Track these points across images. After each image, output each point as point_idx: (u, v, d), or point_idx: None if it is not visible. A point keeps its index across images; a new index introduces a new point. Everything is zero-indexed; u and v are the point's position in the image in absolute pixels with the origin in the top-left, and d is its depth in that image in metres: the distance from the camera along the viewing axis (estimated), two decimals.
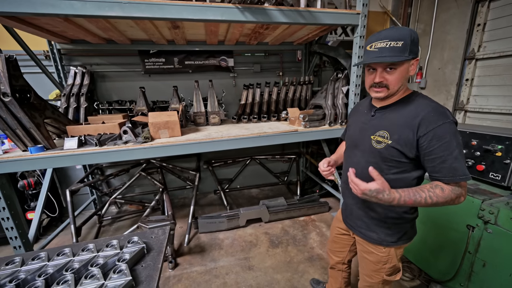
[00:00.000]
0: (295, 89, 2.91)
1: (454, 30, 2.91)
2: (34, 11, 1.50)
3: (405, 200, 0.91)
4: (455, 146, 0.90)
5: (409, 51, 0.93)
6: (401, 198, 0.91)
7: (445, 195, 0.91)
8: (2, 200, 1.72)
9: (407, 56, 0.93)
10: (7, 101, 1.62)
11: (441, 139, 0.91)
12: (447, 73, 3.04)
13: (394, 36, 0.93)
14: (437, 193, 0.91)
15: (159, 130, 2.06)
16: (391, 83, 0.98)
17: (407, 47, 0.92)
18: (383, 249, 1.14)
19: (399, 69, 0.96)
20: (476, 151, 1.80)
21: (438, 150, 0.91)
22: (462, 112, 2.90)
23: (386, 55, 0.94)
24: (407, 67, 0.96)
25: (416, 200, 0.91)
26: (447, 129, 0.91)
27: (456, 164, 0.90)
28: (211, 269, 2.15)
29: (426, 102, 0.98)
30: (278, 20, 1.92)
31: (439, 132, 0.91)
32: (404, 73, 0.97)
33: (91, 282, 0.79)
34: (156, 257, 0.96)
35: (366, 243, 1.19)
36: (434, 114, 0.92)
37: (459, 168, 0.90)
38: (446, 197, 0.91)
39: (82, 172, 3.08)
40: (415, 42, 0.94)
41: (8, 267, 0.88)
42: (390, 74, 0.97)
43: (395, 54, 0.93)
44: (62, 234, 2.56)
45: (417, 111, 0.96)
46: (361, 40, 2.18)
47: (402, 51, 0.92)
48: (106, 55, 2.82)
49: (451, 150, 0.90)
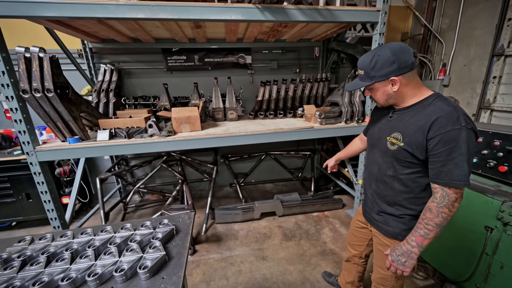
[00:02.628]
0: (311, 86, 2.93)
1: (482, 25, 2.78)
2: (75, 15, 1.66)
3: (415, 240, 1.01)
4: (459, 153, 0.90)
5: (370, 77, 1.06)
6: (413, 242, 1.02)
7: (435, 214, 0.96)
8: (45, 184, 1.93)
9: (368, 81, 1.07)
10: (50, 96, 1.81)
11: (446, 144, 0.92)
12: (473, 70, 2.91)
13: (360, 65, 1.11)
14: (429, 218, 0.97)
15: (181, 125, 2.19)
16: (376, 99, 1.14)
17: (368, 75, 1.07)
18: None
19: (375, 89, 1.10)
20: (498, 152, 1.76)
21: (441, 154, 0.94)
22: (487, 111, 2.78)
23: (355, 81, 1.16)
24: (382, 86, 1.06)
25: (422, 233, 1.00)
26: (455, 135, 0.90)
27: (454, 169, 0.91)
28: (227, 257, 2.28)
29: (442, 105, 0.97)
30: (297, 19, 1.96)
31: (446, 137, 0.92)
32: (382, 91, 1.08)
33: (131, 254, 0.92)
34: (184, 237, 1.08)
35: (382, 236, 1.24)
36: (445, 119, 0.92)
37: (455, 173, 0.91)
38: (438, 215, 0.95)
39: (109, 162, 3.32)
40: (377, 67, 1.02)
41: (63, 239, 1.03)
42: (371, 92, 1.14)
43: (362, 80, 1.11)
44: (92, 218, 2.80)
45: (430, 115, 0.97)
46: (381, 38, 2.17)
47: (364, 78, 1.09)
48: (132, 53, 3.00)
49: (454, 156, 0.91)
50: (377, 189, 1.23)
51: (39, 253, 0.95)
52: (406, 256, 1.03)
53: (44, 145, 1.95)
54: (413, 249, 1.01)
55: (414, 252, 1.01)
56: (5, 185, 2.61)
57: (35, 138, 1.89)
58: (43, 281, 0.80)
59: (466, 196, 1.70)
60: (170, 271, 0.88)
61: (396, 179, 1.11)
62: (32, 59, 1.74)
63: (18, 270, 0.86)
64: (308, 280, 1.99)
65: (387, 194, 1.17)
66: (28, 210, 2.72)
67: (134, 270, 0.86)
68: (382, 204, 1.21)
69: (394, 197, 1.15)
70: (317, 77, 2.92)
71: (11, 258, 0.93)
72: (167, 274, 0.87)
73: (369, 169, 1.28)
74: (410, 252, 1.02)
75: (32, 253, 0.95)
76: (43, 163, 1.91)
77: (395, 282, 1.27)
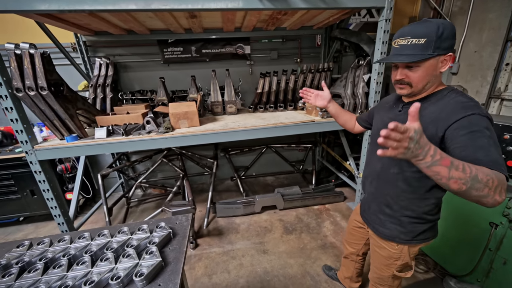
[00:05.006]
0: (313, 76, 2.83)
1: (497, 7, 2.60)
2: (63, 8, 1.58)
3: (441, 154, 0.70)
4: (488, 136, 0.78)
5: (434, 48, 0.86)
6: (437, 150, 0.70)
7: (488, 172, 0.71)
8: (46, 183, 1.94)
9: (430, 53, 0.87)
10: (44, 94, 1.77)
11: (468, 127, 0.80)
12: (485, 56, 2.77)
13: (417, 33, 0.88)
14: (477, 168, 0.71)
15: (179, 120, 2.15)
16: (413, 81, 0.94)
17: (431, 44, 0.86)
18: (396, 246, 1.15)
19: (423, 66, 0.90)
20: (508, 146, 1.69)
21: (465, 138, 0.80)
22: (498, 100, 2.67)
23: (406, 53, 0.91)
24: (433, 64, 0.90)
25: (454, 163, 0.70)
26: (477, 120, 0.80)
27: (495, 155, 0.76)
28: (229, 251, 2.31)
29: (457, 98, 0.90)
30: (297, 6, 1.84)
31: (465, 121, 0.81)
32: (430, 71, 0.91)
33: (127, 260, 0.91)
34: (181, 241, 1.07)
35: (379, 238, 1.21)
36: (463, 107, 0.85)
37: (499, 160, 0.75)
38: (488, 175, 0.70)
39: (110, 157, 3.33)
40: (444, 37, 0.85)
41: (60, 244, 1.03)
42: (412, 72, 0.93)
43: (415, 52, 0.89)
44: (96, 213, 2.85)
45: (445, 105, 0.90)
46: (387, 24, 2.04)
47: (425, 48, 0.87)
48: (128, 46, 2.91)
49: (485, 141, 0.77)
50: (378, 188, 1.18)
51: (37, 259, 0.95)
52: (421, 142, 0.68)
53: (43, 143, 1.94)
54: (431, 151, 0.69)
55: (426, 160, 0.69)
56: (9, 182, 2.64)
57: (33, 137, 1.87)
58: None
59: None
60: (167, 278, 0.87)
61: (400, 177, 1.06)
62: (23, 56, 1.69)
63: (16, 277, 0.86)
64: (308, 274, 2.02)
65: (388, 193, 1.13)
66: (33, 206, 2.77)
67: (130, 278, 0.85)
68: (380, 205, 1.17)
69: (395, 196, 1.10)
70: (318, 67, 2.81)
71: (10, 264, 0.93)
72: (164, 281, 0.86)
73: (371, 167, 1.23)
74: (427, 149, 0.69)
75: (30, 259, 0.95)
76: (43, 162, 1.91)
77: (392, 282, 1.26)
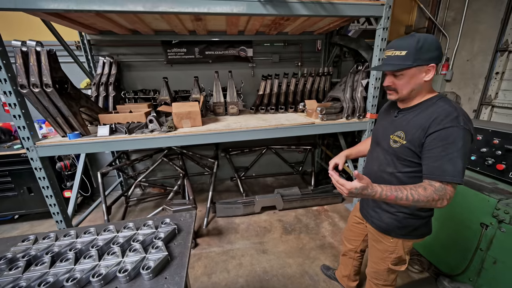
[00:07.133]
0: (313, 80, 2.90)
1: (487, 19, 2.72)
2: (71, 8, 1.61)
3: (386, 194, 0.93)
4: (454, 150, 0.91)
5: (414, 59, 0.97)
6: (383, 192, 0.93)
7: (426, 194, 0.91)
8: (46, 180, 1.94)
9: (409, 64, 0.98)
10: (49, 91, 1.79)
11: (443, 140, 0.93)
12: (476, 65, 2.88)
13: (400, 46, 1.00)
14: (418, 192, 0.92)
15: (182, 120, 2.18)
16: (398, 87, 1.06)
17: (410, 56, 0.97)
18: (391, 239, 1.22)
19: (406, 75, 1.02)
20: (497, 150, 1.77)
21: (436, 150, 0.94)
22: (488, 107, 2.77)
23: (391, 62, 1.03)
24: (416, 73, 1.00)
25: (398, 196, 0.92)
26: (453, 132, 0.92)
27: (448, 165, 0.91)
28: (228, 251, 2.32)
29: (444, 105, 0.99)
30: (299, 13, 1.91)
31: (444, 134, 0.93)
32: (413, 79, 1.01)
33: (134, 254, 0.93)
34: (186, 237, 1.09)
35: (376, 232, 1.28)
36: (445, 117, 0.94)
37: (449, 169, 0.91)
38: (427, 196, 0.91)
39: (109, 155, 3.33)
40: (424, 50, 0.96)
41: (66, 238, 1.05)
42: (398, 79, 1.05)
43: (398, 62, 1.01)
44: (94, 211, 2.83)
45: (432, 114, 0.99)
46: (384, 32, 2.12)
47: (405, 59, 0.99)
48: (131, 45, 2.94)
49: (449, 152, 0.92)
50: None
51: (43, 253, 0.96)
52: (365, 194, 0.94)
53: (44, 140, 1.94)
54: (375, 196, 0.94)
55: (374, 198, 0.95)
56: (6, 179, 2.62)
57: (35, 133, 1.88)
58: (48, 282, 0.82)
59: (463, 193, 1.73)
60: (173, 271, 0.90)
61: (395, 176, 1.13)
62: (29, 53, 1.70)
63: (23, 270, 0.88)
64: (307, 273, 2.05)
65: None
66: (30, 204, 2.75)
67: (137, 271, 0.88)
68: (378, 201, 1.23)
69: None
70: (318, 71, 2.88)
71: (16, 258, 0.95)
72: (170, 274, 0.88)
73: (369, 167, 1.31)
74: (372, 196, 0.94)
75: (37, 253, 0.96)
76: (44, 159, 1.91)
77: (387, 276, 1.33)
